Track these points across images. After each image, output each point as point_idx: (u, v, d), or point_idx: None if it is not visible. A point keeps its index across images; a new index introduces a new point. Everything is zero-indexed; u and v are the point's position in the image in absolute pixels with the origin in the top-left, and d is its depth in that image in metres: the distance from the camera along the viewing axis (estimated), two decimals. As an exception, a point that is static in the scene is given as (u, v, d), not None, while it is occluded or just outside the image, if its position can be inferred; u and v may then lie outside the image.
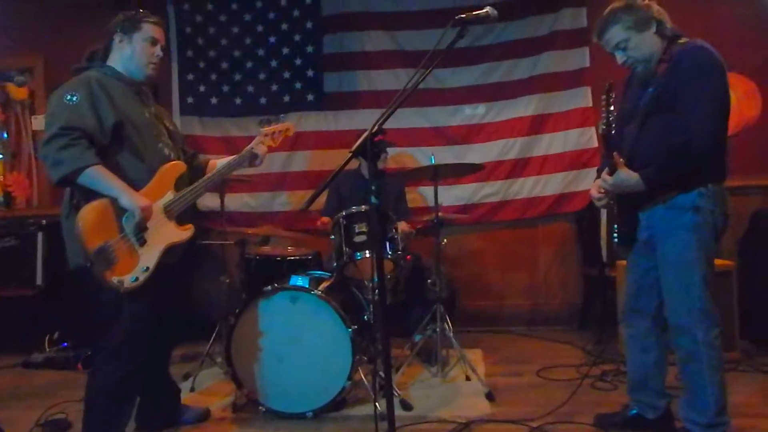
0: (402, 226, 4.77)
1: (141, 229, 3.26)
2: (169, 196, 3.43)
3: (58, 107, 3.20)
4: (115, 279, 3.17)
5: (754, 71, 5.65)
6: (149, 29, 3.49)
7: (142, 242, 3.27)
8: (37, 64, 6.81)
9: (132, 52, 3.46)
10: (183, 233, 3.47)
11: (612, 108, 3.16)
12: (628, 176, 3.19)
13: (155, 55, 3.52)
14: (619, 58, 3.32)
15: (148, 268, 3.28)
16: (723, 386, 3.20)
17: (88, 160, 3.13)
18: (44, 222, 5.90)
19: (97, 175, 3.15)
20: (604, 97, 3.24)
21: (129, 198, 3.20)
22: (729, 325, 4.55)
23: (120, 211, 3.21)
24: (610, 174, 3.24)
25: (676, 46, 3.21)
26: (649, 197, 3.27)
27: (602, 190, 3.43)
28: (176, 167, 3.51)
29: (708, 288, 3.17)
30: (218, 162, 3.86)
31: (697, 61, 3.12)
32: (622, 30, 3.23)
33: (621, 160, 3.21)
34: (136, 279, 3.23)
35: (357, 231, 4.35)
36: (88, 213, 3.15)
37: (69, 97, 3.21)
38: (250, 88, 6.55)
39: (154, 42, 3.50)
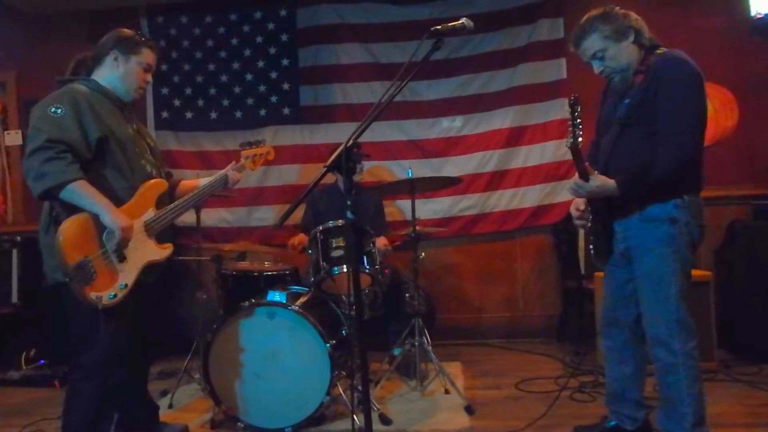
0: (379, 242, 4.75)
1: (121, 246, 3.22)
2: (150, 213, 3.40)
3: (42, 119, 3.15)
4: (93, 295, 3.12)
5: (731, 81, 5.69)
6: (147, 55, 3.47)
7: (122, 259, 3.23)
8: (9, 79, 6.72)
9: (124, 74, 3.42)
10: (162, 252, 3.43)
11: (578, 121, 3.12)
12: (604, 182, 3.18)
13: (146, 81, 3.51)
14: (596, 67, 3.31)
15: (126, 285, 3.24)
16: (701, 397, 3.20)
17: (72, 174, 3.09)
18: (19, 239, 5.82)
19: (81, 191, 3.11)
20: (569, 110, 3.16)
21: (111, 216, 3.15)
22: (707, 335, 4.57)
23: (101, 226, 3.17)
24: (583, 180, 3.21)
25: (654, 57, 3.21)
26: (624, 208, 3.27)
27: (581, 209, 3.44)
28: (158, 185, 3.47)
29: (685, 299, 3.18)
30: (195, 182, 3.81)
31: (675, 73, 3.12)
32: (599, 39, 3.22)
33: (593, 169, 3.22)
34: (115, 296, 3.19)
35: (334, 246, 4.33)
36: (70, 227, 3.10)
37: (54, 109, 3.15)
38: (226, 102, 6.52)
39: (148, 68, 3.49)
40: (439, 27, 2.76)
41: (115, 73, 3.42)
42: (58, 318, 3.36)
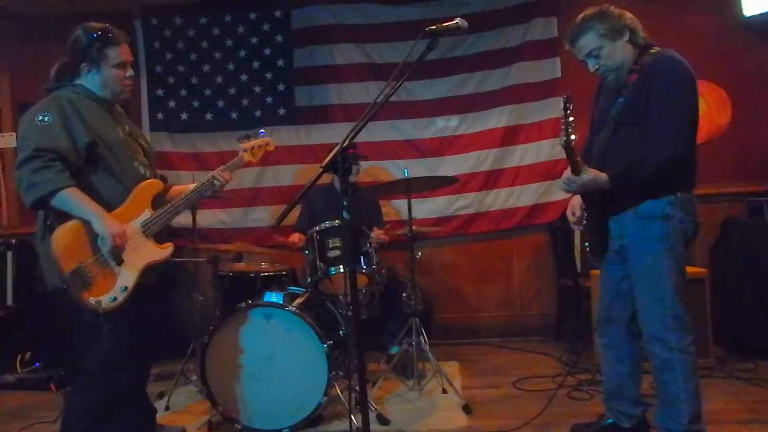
0: (374, 233, 4.75)
1: (116, 251, 3.20)
2: (147, 214, 3.37)
3: (30, 129, 3.13)
4: (92, 300, 3.11)
5: (724, 79, 5.69)
6: (115, 55, 3.35)
7: (120, 262, 3.22)
8: (2, 82, 6.73)
9: (102, 82, 3.36)
10: (162, 252, 3.41)
11: (571, 119, 3.12)
12: (596, 176, 3.16)
13: (126, 77, 3.42)
14: (591, 66, 3.31)
15: (126, 287, 3.22)
16: (697, 393, 3.21)
17: (62, 182, 3.07)
18: (13, 241, 5.81)
19: (71, 198, 3.10)
20: (561, 109, 3.12)
21: (102, 223, 3.13)
22: (702, 332, 4.58)
23: (94, 231, 3.15)
24: (575, 174, 3.19)
25: (648, 56, 3.22)
26: (618, 205, 3.28)
27: (577, 214, 3.45)
28: (153, 185, 3.45)
29: (680, 295, 3.19)
30: (185, 187, 3.73)
31: (668, 73, 3.13)
32: (595, 37, 3.22)
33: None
34: (115, 299, 3.18)
35: (331, 246, 4.33)
36: (62, 235, 3.09)
37: (41, 117, 3.14)
38: (221, 103, 6.52)
39: (123, 65, 3.39)
40: (434, 27, 2.76)
41: (95, 82, 3.36)
42: (59, 324, 3.34)
